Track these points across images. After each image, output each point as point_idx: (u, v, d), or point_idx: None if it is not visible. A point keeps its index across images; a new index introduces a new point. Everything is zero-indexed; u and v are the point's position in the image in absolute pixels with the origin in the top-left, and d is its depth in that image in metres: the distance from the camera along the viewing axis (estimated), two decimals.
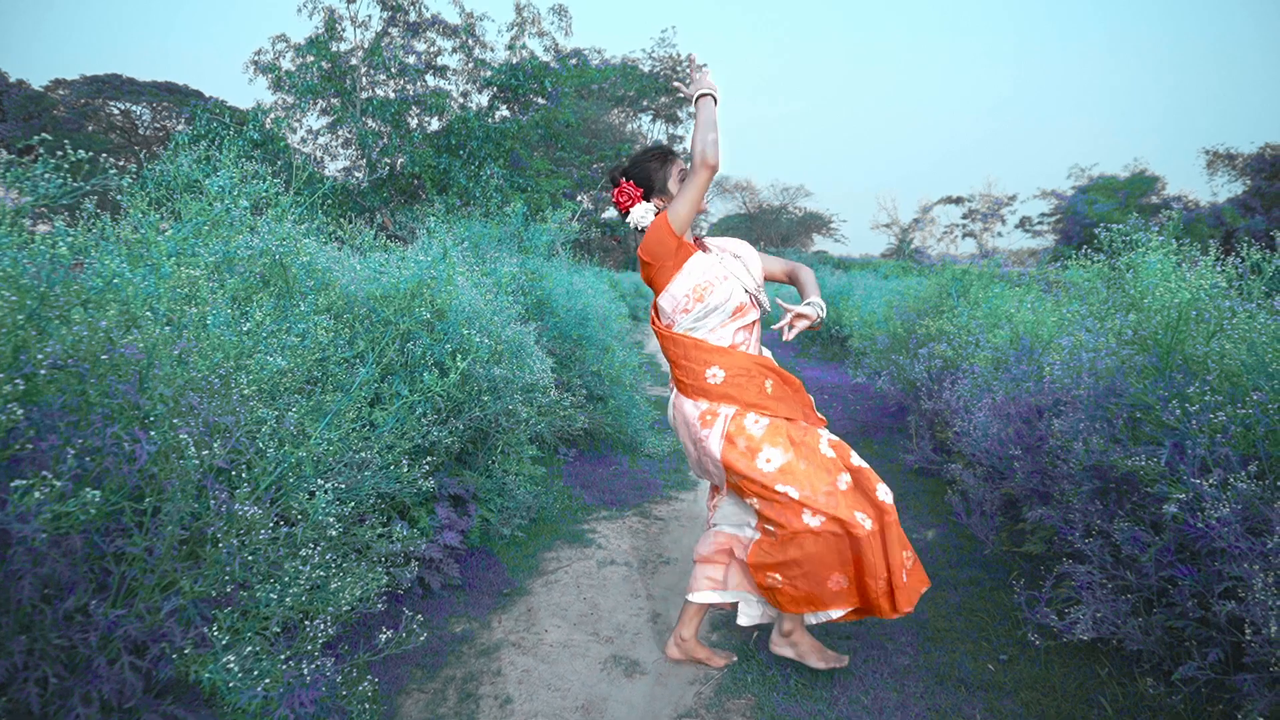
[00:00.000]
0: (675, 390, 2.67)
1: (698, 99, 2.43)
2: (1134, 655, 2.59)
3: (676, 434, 2.71)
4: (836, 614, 2.49)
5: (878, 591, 2.38)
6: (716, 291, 2.50)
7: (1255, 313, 2.53)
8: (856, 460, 2.50)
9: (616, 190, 2.65)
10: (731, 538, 2.71)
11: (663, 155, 2.64)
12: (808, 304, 2.53)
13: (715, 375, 2.52)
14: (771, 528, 2.47)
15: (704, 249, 2.63)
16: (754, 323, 2.62)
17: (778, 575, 2.46)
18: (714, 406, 2.54)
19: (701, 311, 2.52)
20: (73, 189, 1.79)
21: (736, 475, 2.48)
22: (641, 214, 2.62)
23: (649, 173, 2.62)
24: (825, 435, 2.55)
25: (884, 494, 2.42)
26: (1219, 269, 2.75)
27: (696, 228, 2.68)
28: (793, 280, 2.74)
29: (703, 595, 2.72)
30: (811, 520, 2.38)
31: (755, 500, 2.48)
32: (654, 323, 2.69)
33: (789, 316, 2.51)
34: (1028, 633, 2.74)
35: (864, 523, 2.36)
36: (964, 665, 2.73)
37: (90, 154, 1.82)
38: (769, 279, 2.74)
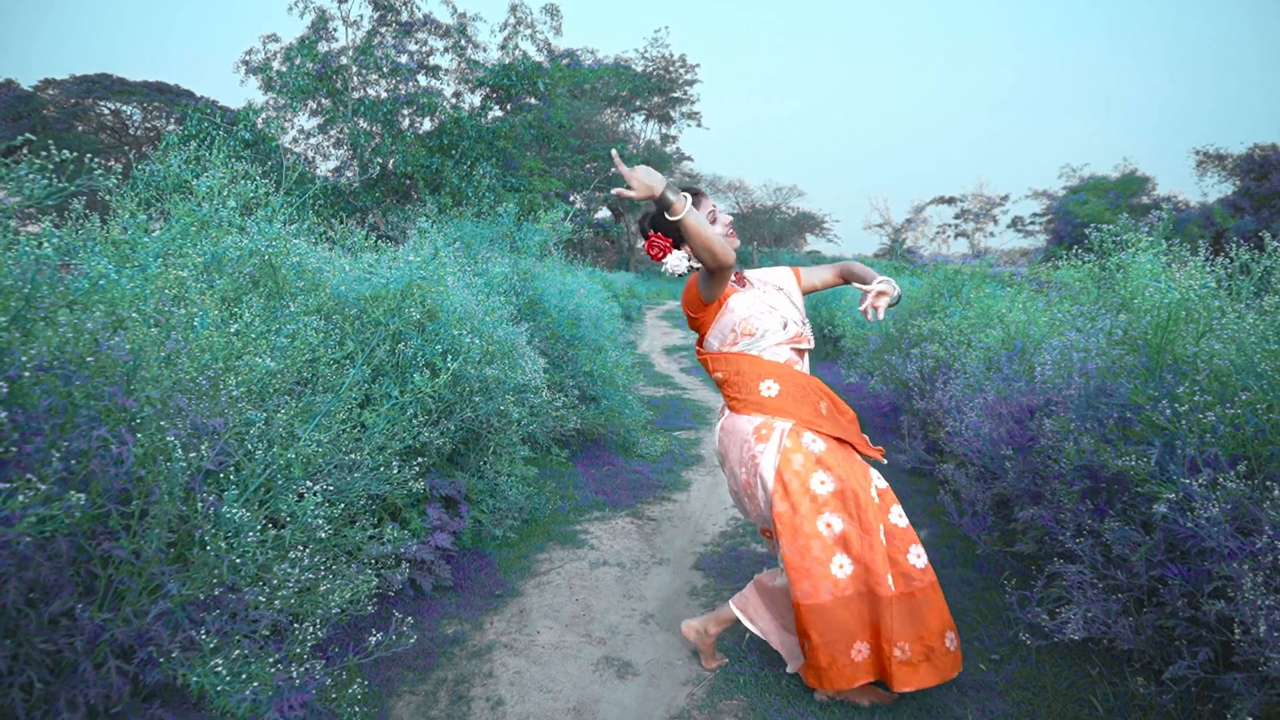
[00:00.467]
0: (726, 413, 2.58)
1: (680, 221, 2.20)
2: (1125, 655, 2.59)
3: (724, 461, 2.58)
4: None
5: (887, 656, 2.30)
6: (764, 321, 2.47)
7: (1244, 313, 2.53)
8: (896, 518, 2.42)
9: (647, 243, 2.54)
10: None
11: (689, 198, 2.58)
12: (881, 281, 2.44)
13: (770, 388, 2.46)
14: (796, 583, 2.36)
15: (743, 283, 2.59)
16: (805, 350, 2.58)
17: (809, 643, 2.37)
18: (769, 420, 2.44)
19: (750, 343, 2.49)
20: (58, 189, 1.78)
21: (784, 501, 2.36)
22: (675, 262, 2.51)
23: (672, 225, 2.42)
24: (874, 480, 2.44)
25: (916, 558, 2.37)
26: (1208, 269, 2.76)
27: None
28: (848, 277, 2.65)
29: (744, 620, 2.67)
30: (839, 572, 2.31)
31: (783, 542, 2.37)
32: (700, 354, 2.64)
33: (870, 297, 2.41)
34: (1019, 632, 2.74)
35: (892, 584, 2.31)
36: None
37: (75, 154, 1.80)
38: (823, 287, 2.71)
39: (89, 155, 2.03)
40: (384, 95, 12.08)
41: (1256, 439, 2.24)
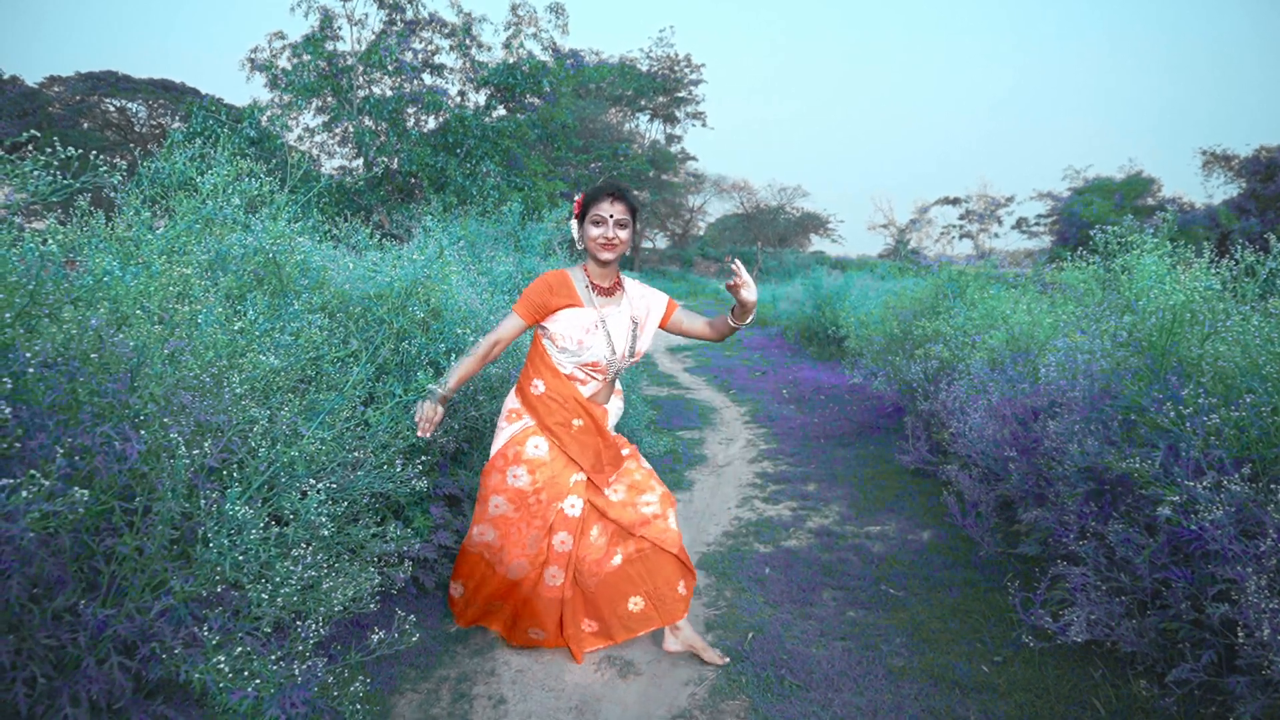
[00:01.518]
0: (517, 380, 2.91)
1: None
2: (1128, 657, 2.59)
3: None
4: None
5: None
6: (568, 342, 2.69)
7: (1249, 315, 2.53)
8: (559, 545, 2.78)
9: (578, 199, 2.80)
10: None
11: (604, 189, 2.71)
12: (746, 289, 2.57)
13: (538, 386, 2.77)
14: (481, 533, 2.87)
15: (607, 295, 2.78)
16: (605, 377, 2.80)
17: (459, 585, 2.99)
18: (520, 410, 2.82)
19: (558, 343, 2.71)
20: (63, 186, 1.78)
21: (492, 464, 2.80)
22: (572, 228, 2.83)
23: (588, 197, 2.73)
24: (565, 504, 2.78)
25: (550, 578, 2.79)
26: (1213, 271, 2.75)
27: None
28: (719, 327, 2.79)
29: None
30: (476, 535, 2.85)
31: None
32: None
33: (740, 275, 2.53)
34: (1022, 634, 2.74)
35: (552, 582, 2.81)
36: (959, 667, 2.73)
37: (80, 151, 1.80)
38: (691, 335, 2.85)
39: (94, 152, 2.03)
40: (389, 93, 12.07)
41: (1261, 441, 2.24)
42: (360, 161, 12.45)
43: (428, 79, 12.93)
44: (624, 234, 2.70)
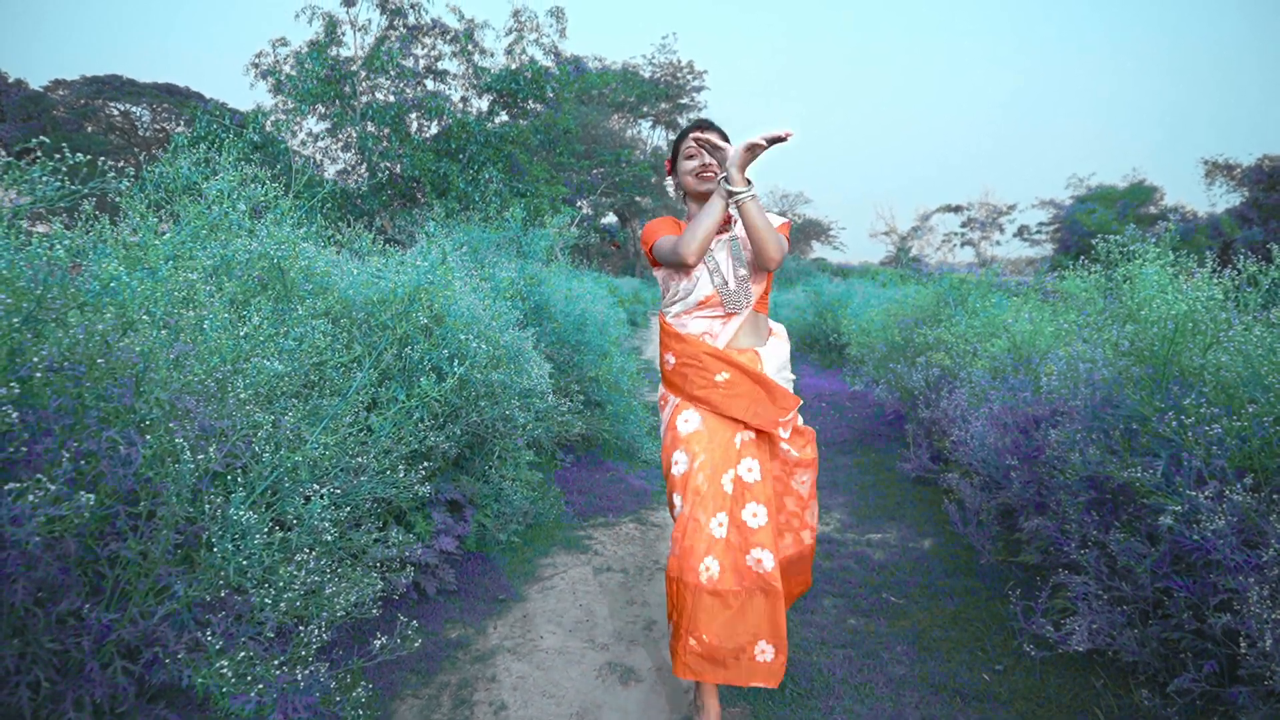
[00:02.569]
0: None
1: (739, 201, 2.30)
2: (1129, 667, 2.59)
3: None
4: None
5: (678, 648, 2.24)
6: (680, 284, 2.47)
7: (1251, 325, 2.53)
8: (749, 517, 2.29)
9: (668, 159, 2.61)
10: None
11: (687, 128, 2.51)
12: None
13: (669, 361, 2.50)
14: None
15: (720, 233, 2.48)
16: (729, 315, 2.46)
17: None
18: (665, 392, 2.54)
19: (670, 298, 2.51)
20: (71, 191, 1.79)
21: (665, 460, 2.43)
22: (671, 184, 2.66)
23: (674, 145, 2.56)
24: (740, 470, 2.35)
25: (756, 563, 2.23)
26: (1215, 281, 2.76)
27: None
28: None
29: None
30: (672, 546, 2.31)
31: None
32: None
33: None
34: (1023, 643, 2.74)
35: (703, 571, 2.21)
36: (960, 675, 2.73)
37: (89, 156, 1.81)
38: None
39: (100, 157, 2.04)
40: (392, 99, 12.11)
41: (1263, 451, 2.24)
42: (363, 167, 12.48)
43: (430, 84, 12.96)
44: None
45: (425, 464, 2.97)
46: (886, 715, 2.51)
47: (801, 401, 2.51)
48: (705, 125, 2.47)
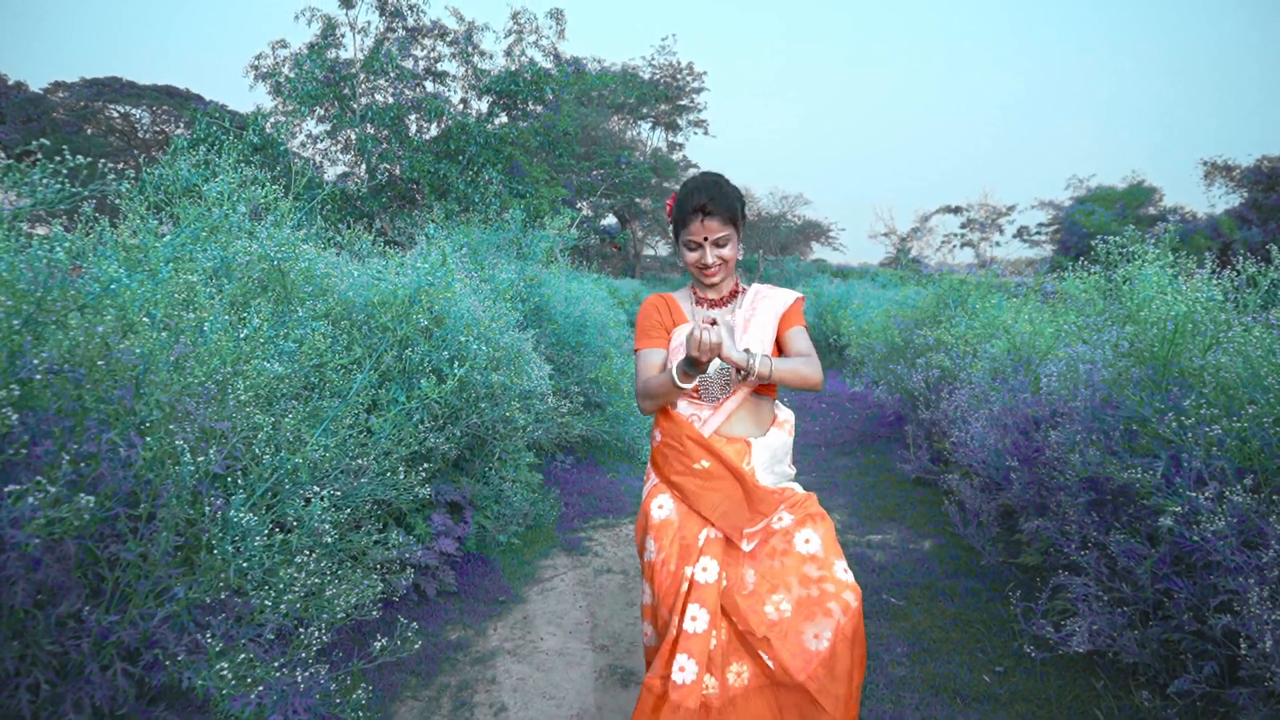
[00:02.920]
0: None
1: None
2: (1130, 668, 2.59)
3: None
4: None
5: None
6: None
7: (1251, 326, 2.53)
8: (690, 622, 1.97)
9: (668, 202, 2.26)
10: None
11: (690, 207, 2.10)
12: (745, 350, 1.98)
13: (655, 436, 2.23)
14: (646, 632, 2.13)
15: (717, 305, 2.25)
16: (707, 399, 2.18)
17: None
18: (650, 469, 2.25)
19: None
20: (71, 194, 1.79)
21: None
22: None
23: (676, 210, 2.18)
24: (700, 565, 2.04)
25: (679, 671, 1.92)
26: (1215, 282, 2.76)
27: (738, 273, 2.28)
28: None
29: None
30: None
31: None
32: None
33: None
34: (1024, 644, 2.74)
35: (681, 679, 1.92)
36: (960, 677, 2.73)
37: (88, 159, 1.82)
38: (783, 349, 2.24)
39: (100, 159, 2.05)
40: (391, 100, 12.11)
41: (1263, 452, 2.24)
42: (363, 169, 12.48)
43: (430, 86, 12.97)
44: (726, 252, 2.12)
45: (425, 465, 2.97)
46: (887, 716, 2.50)
47: (785, 501, 2.13)
48: (709, 211, 2.07)
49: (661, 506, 2.13)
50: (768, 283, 2.49)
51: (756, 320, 2.20)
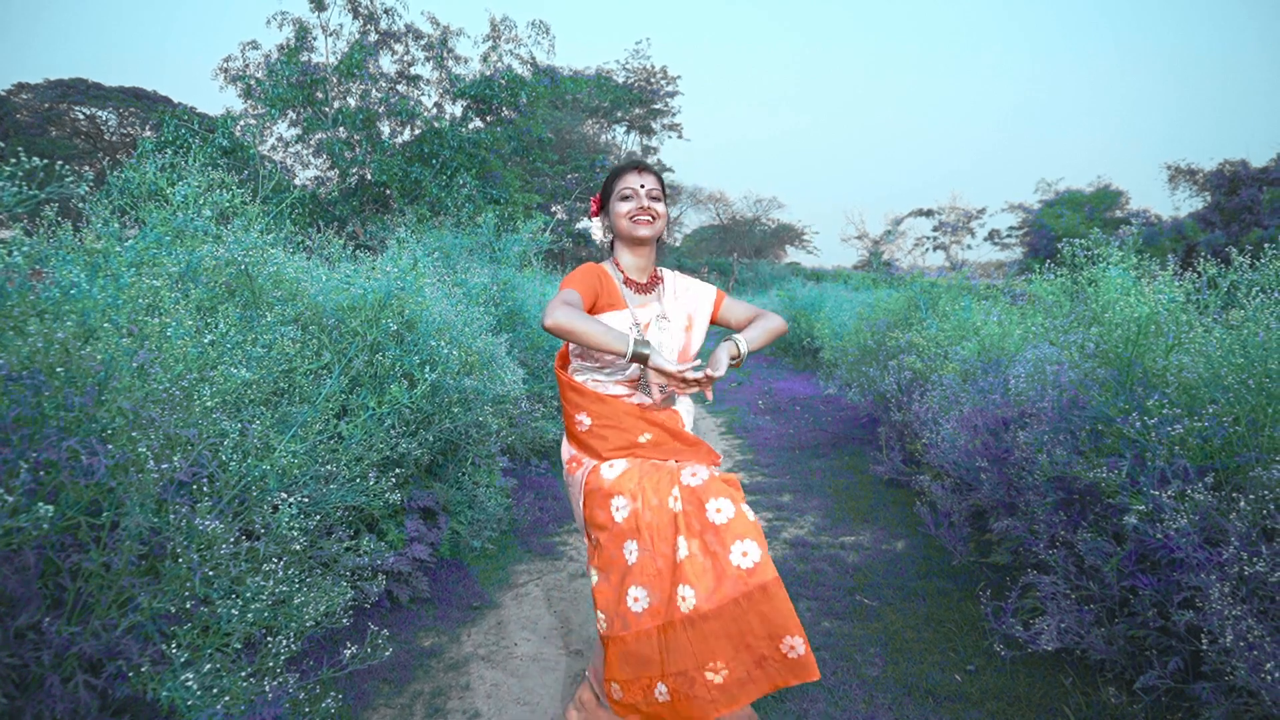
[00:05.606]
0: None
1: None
2: (1097, 665, 2.62)
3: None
4: None
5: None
6: (604, 362, 2.23)
7: (1211, 327, 2.58)
8: (714, 514, 1.99)
9: (593, 197, 2.40)
10: None
11: (620, 166, 2.30)
12: (723, 347, 2.20)
13: (582, 422, 2.23)
14: (600, 617, 2.09)
15: (644, 291, 2.33)
16: (639, 383, 2.30)
17: (618, 686, 2.05)
18: (578, 455, 2.26)
19: (588, 365, 2.26)
20: (29, 197, 1.76)
21: (596, 534, 2.14)
22: (594, 228, 2.41)
23: (605, 184, 2.32)
24: (684, 480, 2.07)
25: (741, 556, 1.94)
26: (1177, 283, 2.81)
27: (664, 252, 2.41)
28: (742, 325, 2.42)
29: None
30: (633, 605, 2.02)
31: (598, 570, 2.12)
32: (559, 355, 2.41)
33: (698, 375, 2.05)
34: (994, 643, 2.76)
35: (684, 600, 1.95)
36: (932, 676, 2.75)
37: (45, 161, 1.78)
38: (736, 327, 2.40)
39: (62, 161, 2.01)
40: (364, 104, 12.03)
41: (1224, 451, 2.29)
42: (334, 172, 12.39)
43: (403, 89, 12.91)
44: (660, 207, 2.25)
45: (397, 471, 2.95)
46: (860, 717, 2.52)
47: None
48: (644, 168, 2.27)
49: (613, 466, 2.15)
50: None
51: (696, 328, 2.38)
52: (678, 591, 1.95)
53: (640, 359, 1.98)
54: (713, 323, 2.42)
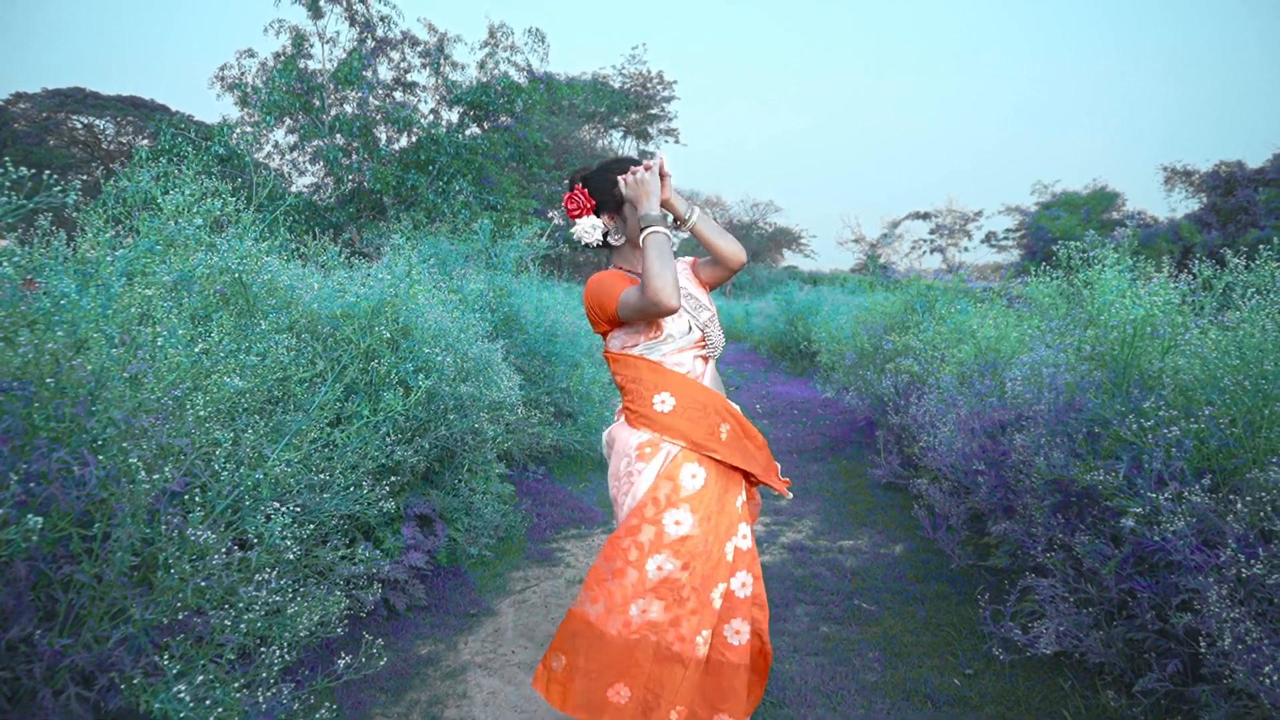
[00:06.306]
0: (619, 420, 2.28)
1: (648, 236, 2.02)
2: (1096, 668, 2.61)
3: (609, 464, 2.28)
4: None
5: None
6: (666, 330, 2.15)
7: (1207, 328, 2.58)
8: (739, 588, 2.12)
9: (568, 195, 2.27)
10: None
11: (606, 168, 2.22)
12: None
13: (665, 402, 2.14)
14: (591, 597, 2.10)
15: None
16: (709, 358, 2.27)
17: (563, 659, 2.12)
18: (656, 439, 2.13)
19: (652, 345, 2.16)
20: (17, 207, 1.75)
21: (636, 517, 2.09)
22: (587, 228, 2.23)
23: (608, 184, 2.20)
24: (736, 539, 2.13)
25: (735, 635, 2.08)
26: (1173, 285, 2.81)
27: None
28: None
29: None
30: (635, 614, 2.03)
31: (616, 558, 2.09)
32: (606, 351, 2.31)
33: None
34: (993, 647, 2.76)
35: (699, 645, 2.03)
36: (930, 680, 2.74)
37: (33, 171, 1.78)
38: (715, 285, 2.37)
39: (59, 170, 2.01)
40: (360, 111, 12.03)
41: (1220, 453, 2.28)
42: (331, 179, 12.38)
43: (399, 96, 12.91)
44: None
45: (393, 478, 2.94)
46: None
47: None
48: (634, 161, 2.19)
49: (695, 475, 2.09)
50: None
51: (700, 295, 2.30)
52: (699, 635, 2.03)
53: (683, 220, 2.14)
54: (701, 285, 2.34)
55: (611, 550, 2.08)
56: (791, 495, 2.34)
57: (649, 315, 2.03)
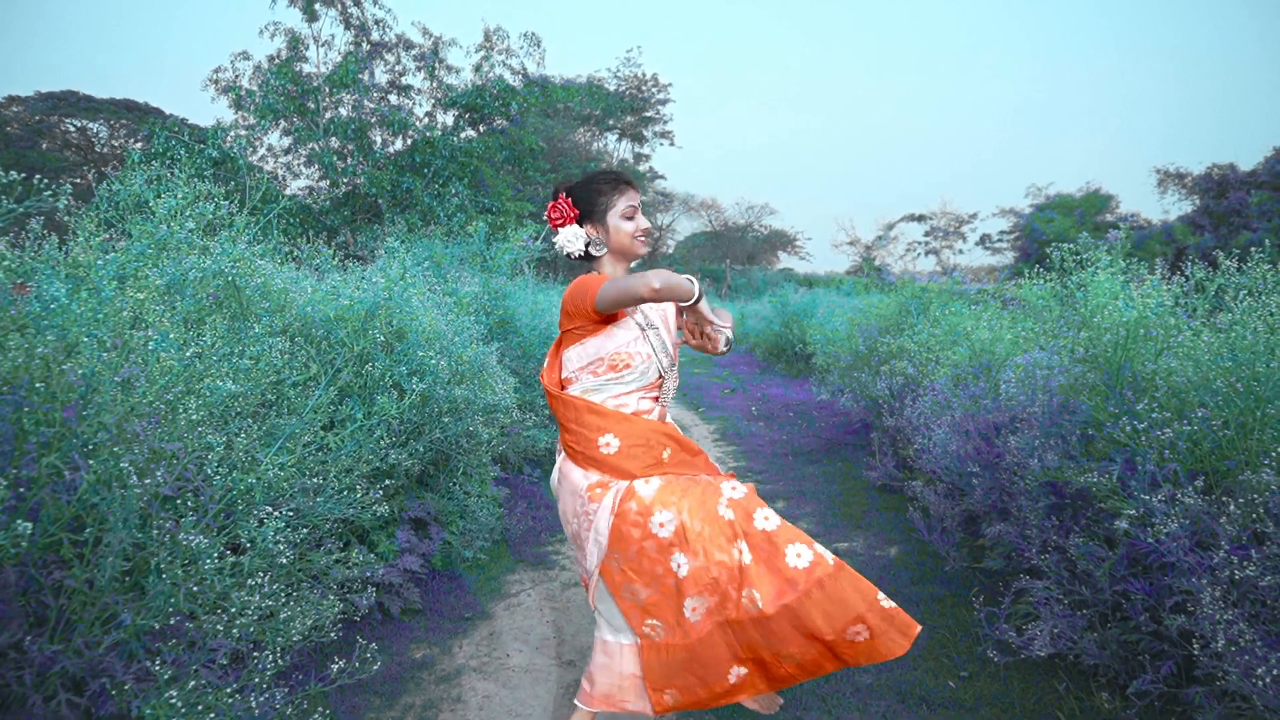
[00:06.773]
0: (563, 454, 2.30)
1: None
2: (1090, 670, 2.62)
3: (558, 500, 2.31)
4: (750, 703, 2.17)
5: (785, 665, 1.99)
6: (635, 367, 2.21)
7: (1200, 330, 2.59)
8: (762, 522, 2.03)
9: (552, 204, 2.29)
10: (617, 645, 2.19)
11: (615, 180, 2.26)
12: (723, 324, 2.15)
13: (609, 445, 2.16)
14: (652, 625, 2.07)
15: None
16: (661, 402, 2.33)
17: (674, 692, 2.08)
18: (605, 479, 2.16)
19: (610, 379, 2.21)
20: (7, 211, 1.74)
21: (624, 555, 2.07)
22: (570, 238, 2.25)
23: (592, 195, 2.24)
24: (726, 492, 2.09)
25: (796, 558, 1.97)
26: (1165, 287, 2.82)
27: (653, 254, 2.41)
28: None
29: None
30: (692, 615, 2.01)
31: (637, 587, 2.08)
32: (543, 377, 2.32)
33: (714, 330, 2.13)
34: (987, 649, 2.76)
35: (754, 602, 1.96)
36: (925, 683, 2.74)
37: (22, 175, 1.77)
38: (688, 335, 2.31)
39: (51, 173, 2.00)
40: (355, 114, 12.03)
41: (1213, 454, 2.29)
42: (326, 182, 12.38)
43: (395, 99, 12.91)
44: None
45: (387, 482, 2.93)
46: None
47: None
48: (636, 185, 2.30)
49: (649, 482, 2.11)
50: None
51: (670, 324, 2.35)
52: (743, 594, 1.97)
53: (699, 297, 2.00)
54: (678, 327, 2.36)
55: (635, 581, 2.08)
56: (735, 483, 2.21)
57: (628, 296, 2.01)
